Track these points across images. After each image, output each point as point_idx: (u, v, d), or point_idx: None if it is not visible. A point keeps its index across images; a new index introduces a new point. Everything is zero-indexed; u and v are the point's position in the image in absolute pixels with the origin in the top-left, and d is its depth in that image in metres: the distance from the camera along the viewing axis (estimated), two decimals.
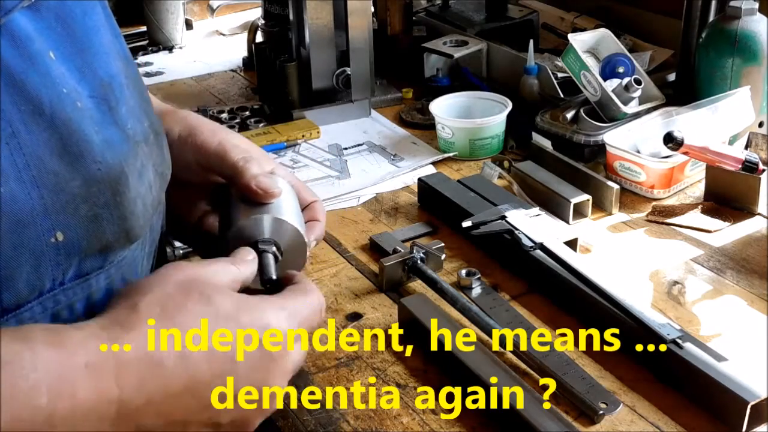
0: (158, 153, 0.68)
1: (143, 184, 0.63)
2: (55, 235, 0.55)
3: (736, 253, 0.97)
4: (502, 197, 1.03)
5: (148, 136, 0.65)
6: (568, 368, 0.77)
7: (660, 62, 1.42)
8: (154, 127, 0.68)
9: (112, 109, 0.60)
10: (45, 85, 0.55)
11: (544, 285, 0.90)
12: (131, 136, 0.62)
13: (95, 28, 0.61)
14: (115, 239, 0.60)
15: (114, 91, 0.61)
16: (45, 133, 0.54)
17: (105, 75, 0.61)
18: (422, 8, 1.68)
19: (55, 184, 0.55)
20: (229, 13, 1.95)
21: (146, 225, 0.65)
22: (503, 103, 1.25)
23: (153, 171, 0.66)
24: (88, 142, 0.57)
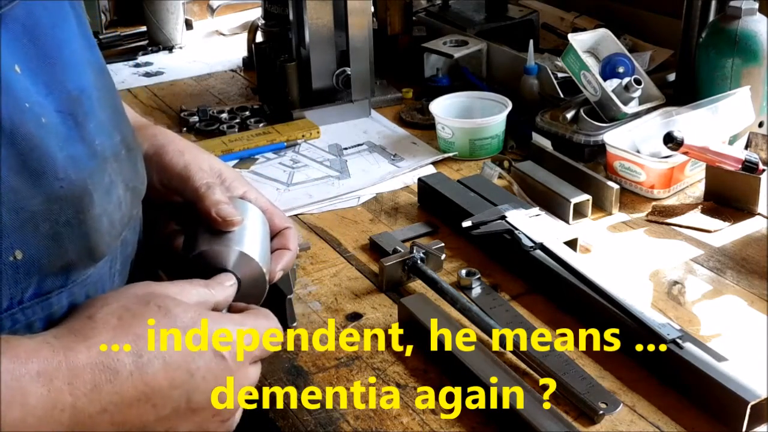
0: (130, 168, 0.66)
1: (110, 201, 0.62)
2: (13, 254, 0.53)
3: (736, 253, 0.97)
4: (502, 197, 1.03)
5: (119, 151, 0.64)
6: (568, 368, 0.77)
7: (660, 62, 1.42)
8: (127, 141, 0.66)
9: (79, 125, 0.59)
10: (6, 101, 0.52)
11: (544, 285, 0.90)
12: (99, 152, 0.60)
13: (66, 39, 0.59)
14: (77, 258, 0.58)
15: (83, 105, 0.59)
16: (4, 150, 0.52)
17: (74, 88, 0.59)
18: (422, 8, 1.68)
19: (14, 202, 0.53)
20: (229, 13, 1.95)
21: (113, 242, 0.63)
22: (503, 103, 1.25)
23: (123, 187, 0.64)
24: (51, 158, 0.55)
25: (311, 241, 1.02)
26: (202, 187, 0.71)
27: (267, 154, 1.26)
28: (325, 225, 1.06)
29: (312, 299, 0.91)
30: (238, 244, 0.68)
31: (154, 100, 1.51)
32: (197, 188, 0.71)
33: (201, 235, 0.69)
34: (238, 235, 0.69)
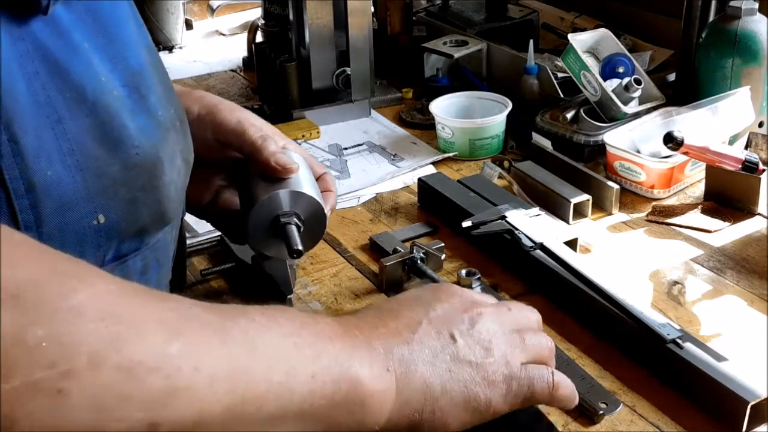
0: (184, 140, 0.70)
1: (174, 169, 0.65)
2: (97, 218, 0.57)
3: (736, 253, 0.97)
4: (502, 197, 1.03)
5: (175, 122, 0.67)
6: (568, 368, 0.77)
7: (660, 62, 1.42)
8: (179, 114, 0.69)
9: (144, 98, 0.62)
10: (87, 74, 0.56)
11: (544, 285, 0.90)
12: (162, 123, 0.63)
13: (122, 19, 0.62)
14: (151, 222, 0.62)
15: (144, 80, 0.62)
16: (87, 120, 0.56)
17: (135, 64, 0.62)
18: (422, 8, 1.68)
19: (97, 169, 0.56)
20: (229, 13, 1.95)
21: (179, 208, 0.67)
22: (503, 103, 1.25)
23: (180, 157, 0.67)
24: (126, 128, 0.58)
25: None
26: (258, 140, 0.76)
27: None
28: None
29: (312, 299, 0.91)
30: (298, 187, 0.73)
31: None
32: (253, 141, 0.76)
33: (257, 187, 0.74)
34: (294, 180, 0.74)
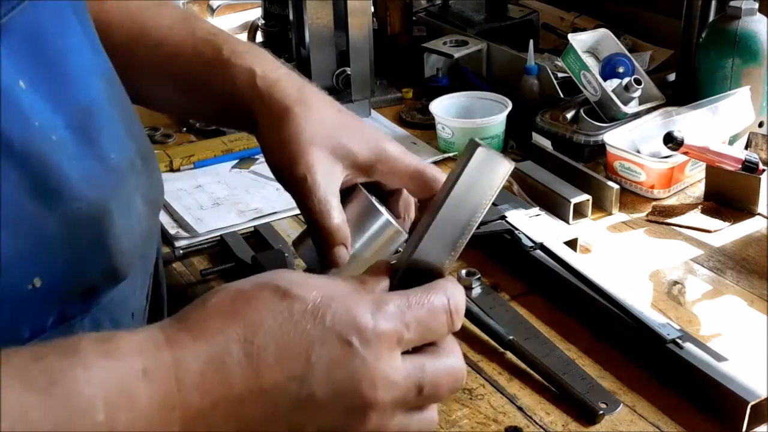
0: (147, 179, 0.63)
1: (130, 218, 0.58)
2: (32, 282, 0.50)
3: (736, 253, 0.97)
4: (502, 197, 1.03)
5: (134, 163, 0.60)
6: (568, 368, 0.77)
7: (660, 62, 1.42)
8: (142, 150, 0.63)
9: (92, 140, 0.55)
10: (14, 121, 0.49)
11: (544, 285, 0.90)
12: (115, 167, 0.57)
13: (71, 47, 0.56)
14: (100, 281, 0.55)
15: (94, 118, 0.56)
16: (16, 172, 0.49)
17: (83, 100, 0.55)
18: (422, 8, 1.68)
19: (30, 227, 0.50)
20: (229, 13, 1.95)
21: (135, 260, 0.60)
22: (503, 103, 1.25)
23: (141, 200, 0.61)
24: (66, 178, 0.52)
25: None
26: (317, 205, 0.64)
27: None
28: None
29: None
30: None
31: None
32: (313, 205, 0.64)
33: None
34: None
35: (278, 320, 0.47)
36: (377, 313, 0.48)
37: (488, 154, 0.52)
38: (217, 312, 0.47)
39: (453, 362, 0.52)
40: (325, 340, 0.47)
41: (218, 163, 1.22)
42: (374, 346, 0.47)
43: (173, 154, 1.21)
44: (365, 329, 0.47)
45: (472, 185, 0.52)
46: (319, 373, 0.47)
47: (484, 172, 0.52)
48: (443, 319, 0.51)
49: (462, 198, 0.52)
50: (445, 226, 0.53)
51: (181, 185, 1.16)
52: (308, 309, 0.47)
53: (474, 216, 0.53)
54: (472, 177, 0.52)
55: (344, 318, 0.47)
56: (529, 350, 0.79)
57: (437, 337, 0.51)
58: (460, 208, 0.52)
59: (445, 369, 0.51)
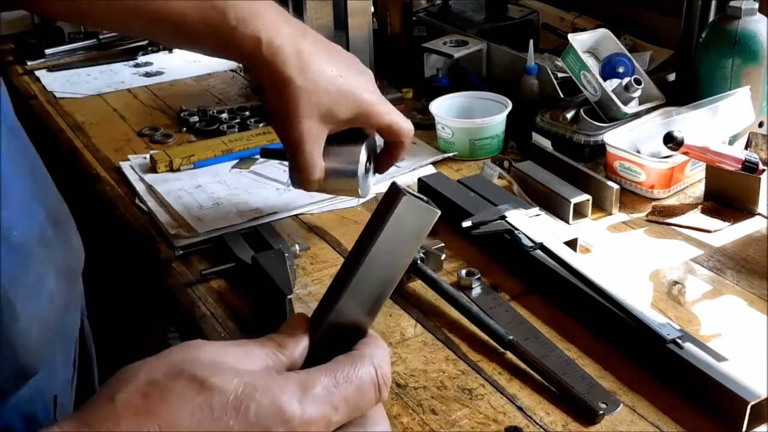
0: (62, 248, 0.56)
1: (40, 302, 0.52)
2: None
3: (736, 253, 0.97)
4: (502, 197, 1.03)
5: (44, 233, 0.54)
6: (568, 368, 0.77)
7: (660, 62, 1.42)
8: (54, 214, 0.56)
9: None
10: None
11: (544, 285, 0.90)
12: (20, 246, 0.50)
13: None
14: (4, 382, 0.49)
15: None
16: None
17: None
18: (422, 8, 1.68)
19: None
20: None
21: (49, 347, 0.53)
22: (503, 103, 1.25)
23: (55, 275, 0.54)
24: None
25: (311, 241, 1.02)
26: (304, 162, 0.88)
27: None
28: (325, 225, 1.06)
29: (312, 299, 0.91)
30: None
31: (154, 100, 1.51)
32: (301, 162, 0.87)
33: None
34: None
35: (197, 418, 0.42)
36: (304, 399, 0.44)
37: (412, 204, 0.48)
38: (128, 412, 0.42)
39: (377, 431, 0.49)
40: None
41: (218, 163, 1.22)
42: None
43: (173, 154, 1.21)
44: (292, 419, 0.43)
45: (395, 238, 0.48)
46: None
47: (409, 223, 0.48)
48: (371, 394, 0.47)
49: (384, 252, 0.49)
50: (366, 282, 0.49)
51: (181, 185, 1.16)
52: (230, 402, 0.43)
53: (397, 270, 0.50)
54: (395, 229, 0.48)
55: (269, 409, 0.43)
56: (529, 350, 0.79)
57: (364, 411, 0.48)
58: (383, 262, 0.49)
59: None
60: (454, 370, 0.79)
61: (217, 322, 0.88)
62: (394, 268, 0.50)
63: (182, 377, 0.43)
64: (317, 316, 0.51)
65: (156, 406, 0.42)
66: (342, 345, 0.49)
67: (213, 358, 0.44)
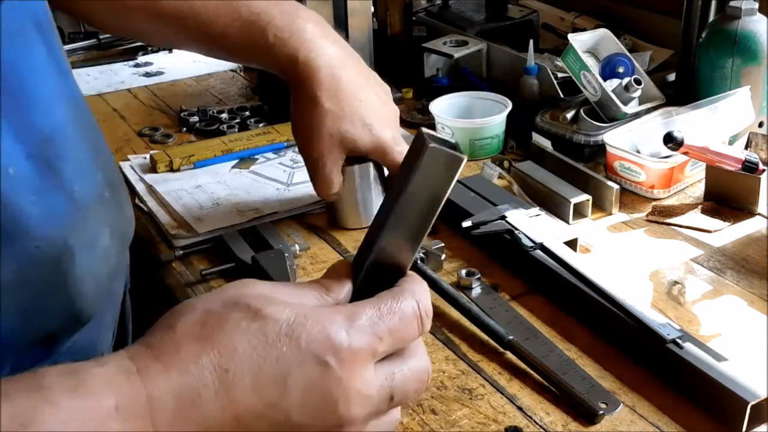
0: (116, 211, 0.59)
1: (95, 255, 0.54)
2: None
3: (736, 253, 0.97)
4: (502, 197, 1.03)
5: (101, 193, 0.56)
6: (568, 368, 0.77)
7: (660, 62, 1.42)
8: (110, 180, 0.59)
9: (55, 170, 0.51)
10: None
11: (544, 285, 0.90)
12: (79, 200, 0.53)
13: (33, 70, 0.52)
14: (60, 325, 0.52)
15: (57, 145, 0.52)
16: None
17: (46, 126, 0.51)
18: (422, 8, 1.68)
19: None
20: None
21: (101, 301, 0.56)
22: (503, 103, 1.25)
23: (109, 234, 0.57)
24: (23, 216, 0.48)
25: (311, 241, 1.02)
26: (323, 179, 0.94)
27: (267, 154, 1.26)
28: (325, 225, 1.06)
29: None
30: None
31: (154, 100, 1.51)
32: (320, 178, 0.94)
33: None
34: None
35: (252, 344, 0.45)
36: (351, 329, 0.47)
37: (439, 152, 0.50)
38: (187, 338, 0.45)
39: (419, 364, 0.52)
40: (301, 362, 0.46)
41: (218, 163, 1.22)
42: (349, 364, 0.47)
43: (173, 154, 1.21)
44: (340, 348, 0.46)
45: (425, 184, 0.51)
46: (296, 397, 0.46)
47: (438, 169, 0.51)
48: (414, 325, 0.50)
49: (416, 197, 0.51)
50: (401, 227, 0.52)
51: (181, 185, 1.16)
52: (282, 330, 0.46)
53: (430, 212, 0.52)
54: (424, 176, 0.51)
55: (319, 338, 0.46)
56: (529, 350, 0.79)
57: (408, 343, 0.51)
58: (415, 206, 0.52)
59: (412, 372, 0.51)
60: (454, 370, 0.79)
61: None
62: (426, 210, 0.52)
63: (238, 307, 0.46)
64: (357, 262, 0.54)
65: (213, 333, 0.45)
66: (383, 286, 0.52)
67: (265, 293, 0.48)
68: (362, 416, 0.48)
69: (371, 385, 0.48)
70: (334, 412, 0.47)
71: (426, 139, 0.50)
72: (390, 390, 0.49)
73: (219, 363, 0.44)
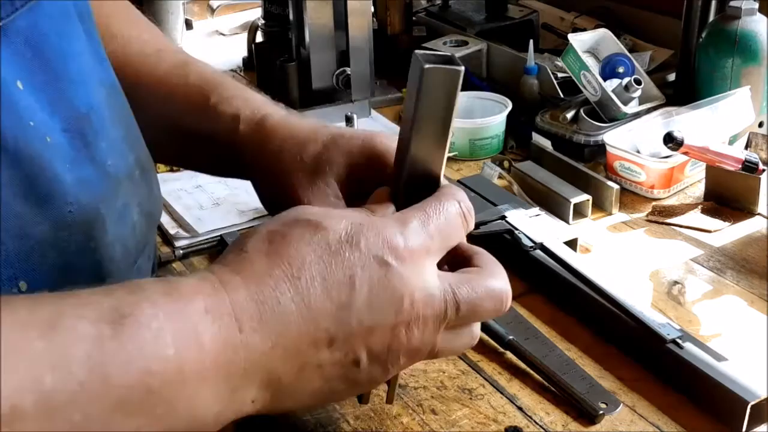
0: (145, 190, 0.62)
1: (125, 226, 0.57)
2: (17, 285, 0.49)
3: (736, 253, 0.97)
4: (502, 197, 1.03)
5: (132, 171, 0.60)
6: (568, 368, 0.77)
7: (660, 62, 1.42)
8: (141, 162, 0.62)
9: (89, 144, 0.54)
10: (8, 118, 0.48)
11: (544, 285, 0.90)
12: (111, 174, 0.56)
13: (73, 53, 0.55)
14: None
15: (92, 123, 0.55)
16: (7, 172, 0.48)
17: (82, 106, 0.55)
18: (422, 8, 1.68)
19: (19, 228, 0.49)
20: (229, 13, 1.95)
21: (128, 270, 0.59)
22: (503, 103, 1.25)
23: (138, 210, 0.60)
24: (59, 181, 0.51)
25: None
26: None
27: None
28: None
29: None
30: None
31: None
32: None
33: None
34: None
35: (318, 253, 0.49)
36: (405, 232, 0.51)
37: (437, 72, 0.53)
38: (258, 255, 0.49)
39: (493, 284, 0.55)
40: (364, 264, 0.50)
41: None
42: (408, 262, 0.51)
43: None
44: (398, 247, 0.51)
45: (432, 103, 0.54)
46: (363, 297, 0.49)
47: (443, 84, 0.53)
48: (459, 223, 0.55)
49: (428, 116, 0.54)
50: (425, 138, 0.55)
51: (181, 185, 1.16)
52: (342, 238, 0.50)
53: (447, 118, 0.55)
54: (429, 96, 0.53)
55: (377, 241, 0.50)
56: (529, 350, 0.79)
57: (457, 240, 0.55)
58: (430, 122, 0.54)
59: (484, 290, 0.54)
60: (454, 370, 0.79)
61: None
62: (442, 122, 0.55)
63: (299, 224, 0.50)
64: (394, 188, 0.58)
65: (281, 248, 0.49)
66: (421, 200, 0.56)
67: (321, 211, 0.52)
68: (429, 316, 0.52)
69: (432, 284, 0.52)
70: (399, 309, 0.50)
71: (421, 60, 0.52)
72: (455, 297, 0.53)
73: (291, 273, 0.48)
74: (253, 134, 0.69)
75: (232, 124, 0.70)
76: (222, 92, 0.72)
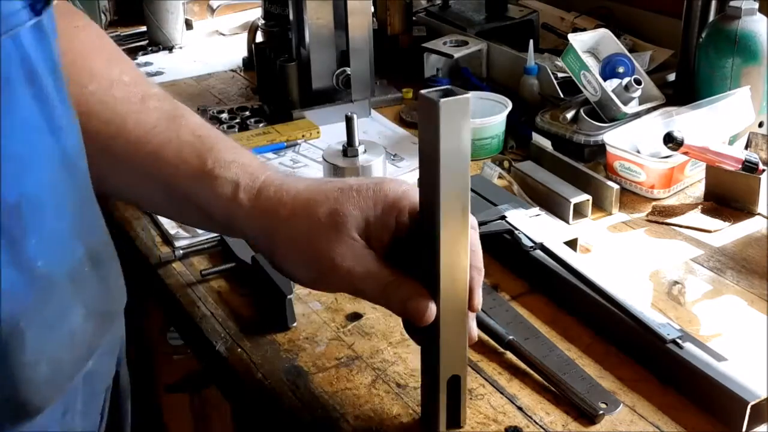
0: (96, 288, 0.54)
1: (55, 339, 0.50)
2: None
3: (736, 253, 0.97)
4: (502, 197, 1.03)
5: (77, 268, 0.52)
6: (568, 368, 0.77)
7: (660, 62, 1.42)
8: (94, 254, 0.54)
9: (14, 243, 0.46)
10: None
11: (544, 285, 0.90)
12: (42, 276, 0.48)
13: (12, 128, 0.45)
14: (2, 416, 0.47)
15: (22, 218, 0.46)
16: None
17: (12, 197, 0.45)
18: (422, 8, 1.68)
19: None
20: (229, 13, 1.95)
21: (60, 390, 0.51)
22: (503, 103, 1.25)
23: (82, 314, 0.52)
24: None
25: None
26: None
27: (267, 154, 1.26)
28: None
29: (312, 299, 0.91)
30: None
31: None
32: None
33: None
34: None
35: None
36: None
37: (450, 103, 0.58)
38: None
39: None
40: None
41: None
42: None
43: None
44: None
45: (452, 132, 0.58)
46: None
47: (455, 116, 0.58)
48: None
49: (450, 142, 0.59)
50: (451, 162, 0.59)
51: None
52: None
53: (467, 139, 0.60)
54: (449, 126, 0.58)
55: None
56: (529, 350, 0.79)
57: None
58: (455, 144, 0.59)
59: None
60: None
61: (217, 322, 0.88)
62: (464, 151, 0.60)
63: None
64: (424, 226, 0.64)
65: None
66: None
67: None
68: None
69: None
70: None
71: (433, 98, 0.58)
72: None
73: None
74: (254, 202, 0.65)
75: (231, 192, 0.65)
76: (218, 155, 0.67)
